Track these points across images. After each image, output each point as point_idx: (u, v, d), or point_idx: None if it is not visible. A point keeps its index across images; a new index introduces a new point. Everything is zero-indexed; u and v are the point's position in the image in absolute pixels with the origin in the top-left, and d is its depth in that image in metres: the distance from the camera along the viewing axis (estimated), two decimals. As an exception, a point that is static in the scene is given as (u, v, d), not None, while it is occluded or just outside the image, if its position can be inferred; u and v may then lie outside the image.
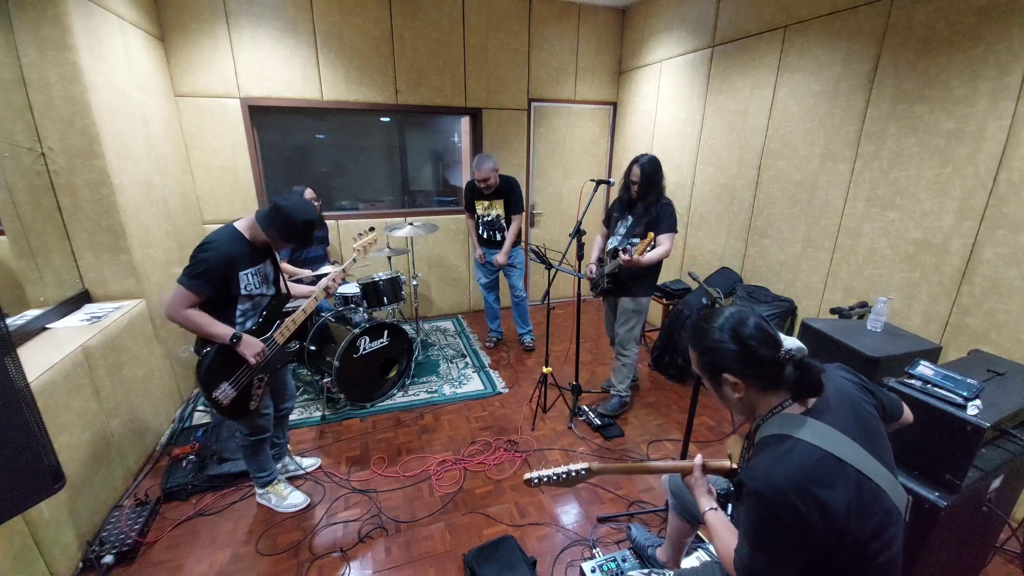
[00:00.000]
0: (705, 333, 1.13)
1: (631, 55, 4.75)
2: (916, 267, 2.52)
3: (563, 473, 1.38)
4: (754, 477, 0.99)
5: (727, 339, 1.09)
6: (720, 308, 1.17)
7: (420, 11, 4.06)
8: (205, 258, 1.83)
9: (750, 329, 1.08)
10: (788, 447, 1.00)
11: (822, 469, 0.96)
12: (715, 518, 1.21)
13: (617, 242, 2.90)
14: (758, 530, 0.99)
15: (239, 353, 1.93)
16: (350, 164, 4.65)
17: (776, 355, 1.06)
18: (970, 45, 2.22)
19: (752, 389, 1.10)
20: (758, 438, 1.10)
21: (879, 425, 1.10)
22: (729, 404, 1.16)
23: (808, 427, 1.01)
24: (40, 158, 2.31)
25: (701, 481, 1.32)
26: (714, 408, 3.24)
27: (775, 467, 0.98)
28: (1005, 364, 1.82)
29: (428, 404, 3.28)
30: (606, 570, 1.92)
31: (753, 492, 0.98)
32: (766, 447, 1.04)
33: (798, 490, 0.93)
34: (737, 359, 1.08)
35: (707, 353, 1.13)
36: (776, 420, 1.07)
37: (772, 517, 0.96)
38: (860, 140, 2.74)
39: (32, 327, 2.21)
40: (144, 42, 3.13)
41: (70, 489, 1.97)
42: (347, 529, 2.23)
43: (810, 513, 0.92)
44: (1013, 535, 2.01)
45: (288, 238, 1.94)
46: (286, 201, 1.91)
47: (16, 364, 1.02)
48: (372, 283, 3.34)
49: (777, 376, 1.07)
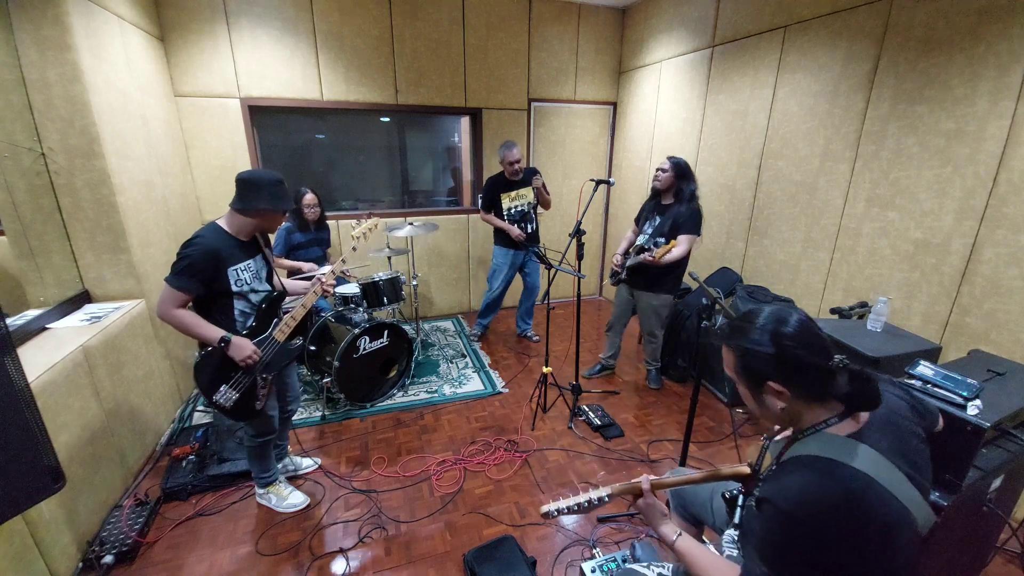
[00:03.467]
0: (746, 333, 1.02)
1: (631, 55, 4.75)
2: (916, 267, 2.52)
3: (584, 502, 1.26)
4: (786, 498, 0.91)
5: (771, 341, 0.98)
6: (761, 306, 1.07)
7: (420, 11, 4.06)
8: (188, 254, 1.81)
9: (800, 330, 0.98)
10: (828, 471, 0.91)
11: (860, 498, 0.88)
12: (687, 545, 1.12)
13: (644, 240, 3.14)
14: (780, 551, 0.92)
15: (229, 357, 1.90)
16: (350, 164, 4.65)
17: (828, 362, 0.96)
18: (970, 45, 2.22)
19: (798, 399, 0.99)
20: (793, 454, 1.00)
21: (924, 449, 1.01)
22: (767, 414, 1.04)
23: (852, 451, 0.92)
24: (40, 158, 2.30)
25: (652, 504, 1.22)
26: (714, 408, 3.24)
27: (811, 491, 0.90)
28: (1005, 364, 1.82)
29: (428, 404, 3.28)
30: (606, 570, 1.91)
31: (783, 512, 0.90)
32: (802, 467, 0.95)
33: (832, 517, 0.87)
34: (784, 364, 0.97)
35: (748, 356, 1.02)
36: (817, 439, 0.98)
37: (800, 540, 0.89)
38: (860, 140, 2.74)
39: (32, 327, 2.21)
40: (144, 42, 3.13)
41: (70, 489, 1.96)
42: (347, 529, 2.23)
43: (842, 542, 0.86)
44: (1013, 535, 2.01)
45: (268, 202, 1.88)
46: (249, 175, 1.88)
47: (16, 364, 1.02)
48: (372, 283, 3.34)
49: (828, 386, 0.97)
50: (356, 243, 2.29)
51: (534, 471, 2.62)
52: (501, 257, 3.97)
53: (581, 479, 2.55)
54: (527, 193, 3.74)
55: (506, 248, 3.93)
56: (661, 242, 2.95)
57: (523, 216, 3.80)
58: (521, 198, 3.76)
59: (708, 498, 1.59)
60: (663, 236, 3.01)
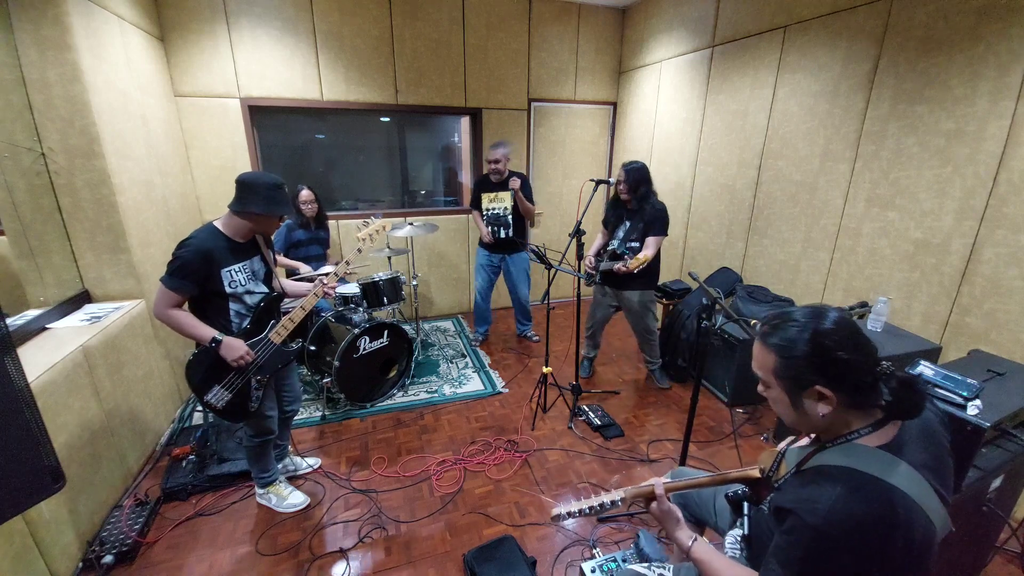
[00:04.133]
0: (786, 332, 0.96)
1: (631, 55, 4.75)
2: (916, 267, 2.52)
3: (596, 506, 1.22)
4: (814, 511, 0.87)
5: (818, 342, 0.93)
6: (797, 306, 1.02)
7: (420, 11, 4.06)
8: (181, 255, 1.81)
9: (845, 331, 0.93)
10: (862, 486, 0.88)
11: (895, 516, 0.85)
12: (703, 551, 1.10)
13: (616, 244, 3.13)
14: (804, 566, 0.88)
15: (221, 357, 1.89)
16: (350, 164, 4.65)
17: (877, 367, 0.92)
18: (970, 45, 2.22)
19: (845, 405, 0.93)
20: (817, 463, 0.97)
21: (951, 463, 0.98)
22: (804, 420, 0.99)
23: (889, 467, 0.89)
24: (40, 158, 2.30)
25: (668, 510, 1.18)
26: (714, 408, 3.24)
27: (844, 505, 0.86)
28: (1005, 364, 1.83)
29: (428, 404, 3.28)
30: (606, 570, 1.91)
31: (811, 527, 0.87)
32: (830, 479, 0.91)
33: (863, 534, 0.84)
34: (833, 368, 0.92)
35: (791, 358, 0.95)
36: (848, 450, 0.93)
37: (827, 556, 0.86)
38: (860, 140, 2.74)
39: (32, 327, 2.21)
40: (144, 42, 3.13)
41: (70, 489, 1.97)
42: (347, 529, 2.22)
43: (870, 558, 0.84)
44: (1013, 535, 2.01)
45: (262, 206, 1.87)
46: (248, 176, 1.89)
47: (16, 364, 1.01)
48: (372, 283, 3.34)
49: (873, 392, 0.92)
50: (362, 244, 2.28)
51: (534, 471, 2.62)
52: (478, 258, 4.04)
53: (581, 479, 2.55)
54: (505, 197, 3.71)
55: (481, 248, 3.98)
56: (636, 246, 3.03)
57: (498, 220, 3.78)
58: (499, 201, 3.74)
59: (711, 498, 1.58)
60: (636, 240, 3.07)
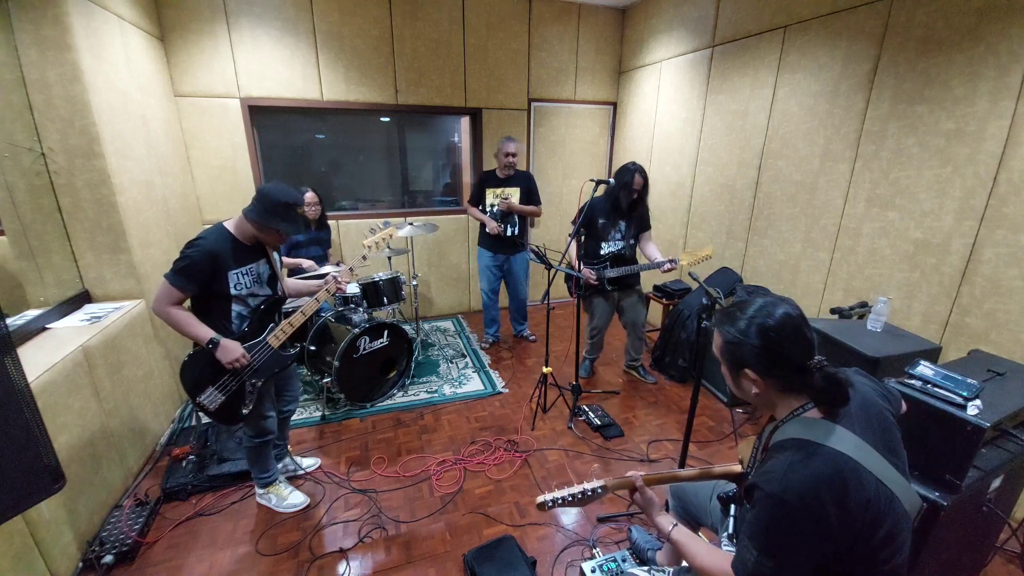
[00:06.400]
0: (734, 321, 1.07)
1: (631, 55, 4.75)
2: (916, 267, 2.52)
3: (578, 493, 1.31)
4: (771, 480, 0.96)
5: (755, 334, 1.03)
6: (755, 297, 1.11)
7: (420, 11, 4.06)
8: (190, 255, 1.82)
9: (784, 328, 1.02)
10: (809, 451, 0.96)
11: (843, 475, 0.93)
12: (682, 535, 1.18)
13: (616, 247, 3.14)
14: (769, 534, 0.95)
15: (217, 359, 1.89)
16: (350, 164, 4.65)
17: (807, 362, 1.00)
18: (970, 45, 2.22)
19: (772, 389, 1.06)
20: (776, 440, 1.06)
21: (896, 431, 1.07)
22: (744, 395, 1.11)
23: (830, 433, 0.98)
24: (40, 158, 2.30)
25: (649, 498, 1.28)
26: (714, 408, 3.24)
27: (795, 471, 0.94)
28: (1005, 364, 1.82)
29: (428, 404, 3.28)
30: (606, 570, 1.91)
31: (770, 495, 0.95)
32: (784, 450, 1.00)
33: (816, 495, 0.91)
34: (762, 357, 1.03)
35: (731, 343, 1.07)
36: (796, 424, 1.03)
37: (787, 521, 0.93)
38: (860, 140, 2.74)
39: (32, 327, 2.21)
40: (144, 42, 3.13)
41: (70, 489, 1.96)
42: (347, 529, 2.23)
43: (827, 519, 0.90)
44: (1013, 535, 2.01)
45: (266, 217, 1.87)
46: (269, 185, 1.90)
47: (16, 364, 1.01)
48: (372, 283, 3.34)
49: (802, 382, 1.02)
50: (367, 252, 2.27)
51: (534, 471, 2.62)
52: (481, 259, 3.96)
53: (581, 479, 2.55)
54: (513, 193, 3.70)
55: (484, 249, 3.91)
56: (632, 244, 3.16)
57: (504, 215, 3.75)
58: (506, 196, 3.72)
59: (707, 499, 1.60)
60: (631, 239, 3.16)
